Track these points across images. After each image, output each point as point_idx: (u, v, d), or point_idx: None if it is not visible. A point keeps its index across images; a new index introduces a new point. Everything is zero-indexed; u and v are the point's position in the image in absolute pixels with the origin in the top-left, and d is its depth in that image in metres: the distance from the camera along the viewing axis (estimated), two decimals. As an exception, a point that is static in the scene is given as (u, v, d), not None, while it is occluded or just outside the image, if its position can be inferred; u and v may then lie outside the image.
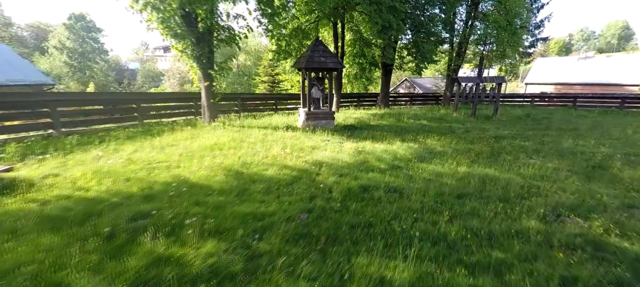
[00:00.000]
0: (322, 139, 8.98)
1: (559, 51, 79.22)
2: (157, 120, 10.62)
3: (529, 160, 6.92)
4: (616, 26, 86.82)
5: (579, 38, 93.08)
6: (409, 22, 12.97)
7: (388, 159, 6.78)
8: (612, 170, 5.97)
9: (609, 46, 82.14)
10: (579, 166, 6.32)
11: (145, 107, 10.68)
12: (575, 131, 10.70)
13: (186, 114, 11.64)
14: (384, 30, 12.12)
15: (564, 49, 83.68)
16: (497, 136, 9.88)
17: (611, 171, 5.94)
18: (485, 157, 7.20)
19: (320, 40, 10.82)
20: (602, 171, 5.90)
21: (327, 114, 11.21)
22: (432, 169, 6.10)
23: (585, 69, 29.17)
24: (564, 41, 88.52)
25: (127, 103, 10.31)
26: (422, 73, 35.88)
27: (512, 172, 5.93)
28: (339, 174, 5.60)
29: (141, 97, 10.97)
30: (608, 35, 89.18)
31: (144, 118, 10.41)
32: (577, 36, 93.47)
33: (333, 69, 10.75)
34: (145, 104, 10.84)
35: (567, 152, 7.49)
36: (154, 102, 11.34)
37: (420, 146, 8.41)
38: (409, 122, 13.41)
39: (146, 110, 10.63)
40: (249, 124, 11.03)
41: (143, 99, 11.00)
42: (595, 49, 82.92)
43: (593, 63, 29.44)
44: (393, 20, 11.35)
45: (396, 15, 11.64)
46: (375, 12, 11.19)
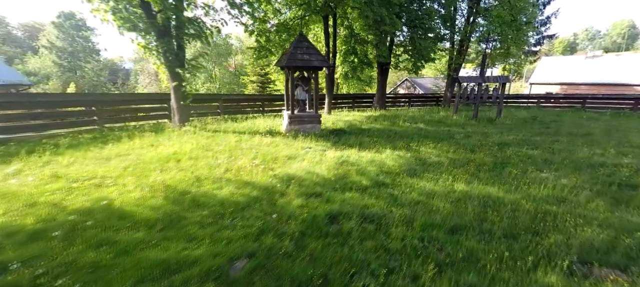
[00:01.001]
0: (302, 146, 7.98)
1: (564, 51, 77.88)
2: (122, 124, 9.59)
3: (540, 174, 5.88)
4: (622, 25, 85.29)
5: (584, 37, 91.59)
6: (405, 17, 11.93)
7: (372, 173, 5.76)
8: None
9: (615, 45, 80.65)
10: (601, 183, 5.26)
11: (108, 110, 9.62)
12: (589, 137, 9.62)
13: (158, 117, 10.60)
14: (377, 26, 11.09)
15: (569, 48, 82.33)
16: (501, 143, 8.83)
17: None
18: (487, 170, 6.16)
19: (304, 35, 9.80)
20: (631, 192, 4.85)
21: (313, 118, 10.18)
22: (423, 186, 5.07)
23: (593, 68, 27.97)
24: (569, 41, 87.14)
25: (83, 105, 9.22)
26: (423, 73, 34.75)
27: (519, 192, 4.89)
28: (309, 194, 4.59)
29: (101, 99, 9.83)
30: (614, 35, 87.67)
31: (106, 122, 9.36)
32: (582, 36, 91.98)
33: (318, 67, 9.73)
34: (108, 106, 9.78)
35: (583, 165, 6.43)
36: (118, 105, 10.22)
37: (412, 155, 7.39)
38: (404, 126, 12.36)
39: (108, 113, 9.57)
40: (226, 128, 10.02)
41: (104, 101, 9.98)
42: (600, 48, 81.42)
43: (601, 62, 28.23)
44: (386, 14, 10.32)
45: (389, 9, 10.60)
46: (366, 5, 10.16)
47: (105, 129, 8.83)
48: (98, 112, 9.12)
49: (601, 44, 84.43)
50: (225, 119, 12.15)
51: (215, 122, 11.17)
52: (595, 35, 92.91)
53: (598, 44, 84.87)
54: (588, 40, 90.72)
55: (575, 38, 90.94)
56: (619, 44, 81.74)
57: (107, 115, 9.51)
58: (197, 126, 9.54)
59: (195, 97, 14.39)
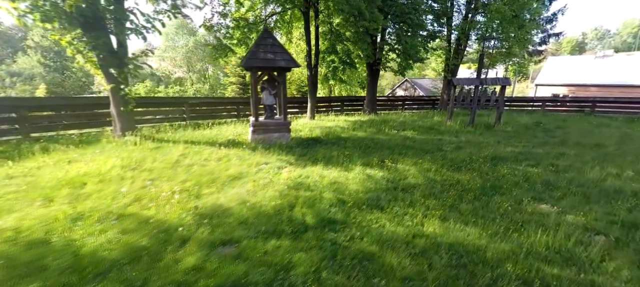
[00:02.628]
0: (258, 162, 6.82)
1: (572, 50, 76.14)
2: (54, 133, 8.36)
3: (538, 206, 4.64)
4: (633, 24, 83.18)
5: (593, 37, 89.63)
6: (391, 11, 10.67)
7: (325, 203, 4.58)
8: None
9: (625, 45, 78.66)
10: (621, 224, 4.02)
11: (36, 117, 8.33)
12: (601, 149, 8.34)
13: (107, 124, 9.35)
14: (355, 21, 9.87)
15: (577, 48, 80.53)
16: (496, 157, 7.60)
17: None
18: (471, 199, 4.95)
19: (269, 31, 8.61)
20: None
21: (281, 125, 9.00)
22: (382, 227, 3.89)
23: (603, 69, 26.46)
24: (577, 40, 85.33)
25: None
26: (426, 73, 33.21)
27: (508, 239, 3.68)
28: (219, 242, 3.39)
29: (25, 104, 8.41)
30: (624, 34, 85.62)
31: (32, 131, 8.09)
32: (591, 35, 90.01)
33: (285, 68, 8.55)
34: (38, 111, 8.53)
35: (595, 192, 5.18)
36: (47, 110, 8.85)
37: (385, 174, 6.20)
38: (390, 134, 11.14)
39: (35, 120, 8.27)
40: (181, 137, 8.87)
41: (29, 106, 8.61)
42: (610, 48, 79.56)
43: (612, 62, 26.71)
44: (364, 7, 9.09)
45: (371, 2, 9.36)
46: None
47: (28, 141, 7.59)
48: (20, 120, 7.89)
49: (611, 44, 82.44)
50: (187, 126, 10.99)
51: (172, 130, 10.03)
52: (605, 34, 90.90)
53: (608, 44, 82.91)
54: (597, 40, 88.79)
55: (584, 37, 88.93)
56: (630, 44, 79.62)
57: (33, 124, 8.21)
58: (145, 135, 8.39)
59: (156, 101, 13.29)
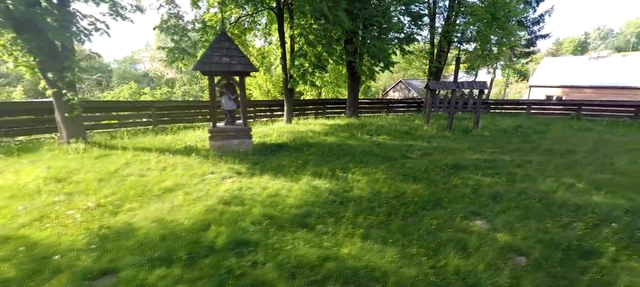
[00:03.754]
0: (204, 172, 6.69)
1: (574, 50, 75.82)
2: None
3: (471, 223, 4.48)
4: (636, 24, 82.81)
5: (595, 36, 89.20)
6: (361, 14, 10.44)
7: (248, 222, 4.43)
8: (602, 259, 3.47)
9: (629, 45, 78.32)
10: (546, 244, 3.84)
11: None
12: (571, 156, 8.16)
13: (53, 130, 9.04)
14: (321, 23, 9.68)
15: (580, 48, 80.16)
16: (457, 165, 7.43)
17: (601, 261, 3.45)
18: (406, 214, 4.79)
19: (226, 34, 8.46)
20: (581, 262, 3.43)
21: (240, 132, 8.85)
22: (294, 249, 3.76)
23: (598, 70, 26.20)
24: (580, 40, 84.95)
25: None
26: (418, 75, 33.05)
27: (418, 263, 3.52)
28: (86, 278, 3.05)
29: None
30: (627, 34, 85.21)
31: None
32: (594, 35, 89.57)
33: (242, 72, 8.40)
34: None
35: (538, 205, 5.01)
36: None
37: (333, 185, 6.06)
38: (361, 139, 10.99)
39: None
40: (137, 144, 8.73)
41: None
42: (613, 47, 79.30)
43: (607, 63, 26.45)
44: (326, 10, 8.89)
45: (335, 5, 9.16)
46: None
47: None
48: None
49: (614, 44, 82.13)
50: (148, 132, 10.84)
51: (131, 136, 9.89)
52: (608, 34, 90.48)
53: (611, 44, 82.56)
54: (600, 40, 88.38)
55: (586, 37, 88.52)
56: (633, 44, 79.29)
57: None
58: (96, 142, 8.25)
59: (118, 105, 13.12)
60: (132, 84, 28.19)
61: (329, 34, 10.38)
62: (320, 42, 10.62)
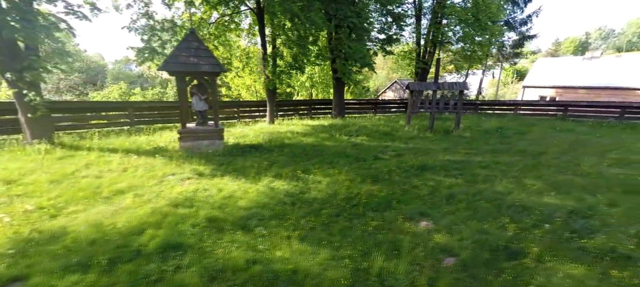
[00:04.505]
0: (165, 173, 6.70)
1: (575, 51, 75.83)
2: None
3: (416, 224, 4.50)
4: (638, 24, 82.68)
5: (597, 36, 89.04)
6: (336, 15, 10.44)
7: (189, 225, 4.42)
8: (526, 260, 3.48)
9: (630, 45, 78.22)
10: (480, 244, 3.86)
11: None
12: (541, 156, 8.16)
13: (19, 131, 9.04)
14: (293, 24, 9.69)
15: (580, 48, 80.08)
16: (424, 166, 7.46)
17: (525, 262, 3.46)
18: (353, 215, 4.81)
19: (195, 34, 8.48)
20: (504, 263, 3.43)
21: (211, 132, 8.87)
22: (224, 254, 3.75)
23: (591, 70, 26.19)
24: (580, 40, 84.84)
25: None
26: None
27: (345, 266, 3.55)
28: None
29: None
30: (629, 34, 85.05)
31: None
32: (595, 35, 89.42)
33: (211, 73, 8.42)
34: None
35: (487, 206, 5.02)
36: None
37: (292, 186, 6.10)
38: (339, 140, 11.03)
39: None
40: (107, 144, 8.76)
41: None
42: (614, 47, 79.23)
43: (600, 64, 26.42)
44: (297, 10, 8.88)
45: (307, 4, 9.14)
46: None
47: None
48: None
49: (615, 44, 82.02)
50: (123, 133, 10.88)
51: (103, 136, 9.93)
52: (610, 34, 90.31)
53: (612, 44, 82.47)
54: (601, 40, 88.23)
55: (587, 37, 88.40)
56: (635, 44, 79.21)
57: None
58: (63, 143, 8.28)
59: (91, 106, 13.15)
60: (122, 84, 28.26)
61: (302, 35, 10.39)
62: (295, 43, 10.64)
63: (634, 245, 3.56)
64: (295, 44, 10.52)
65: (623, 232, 3.87)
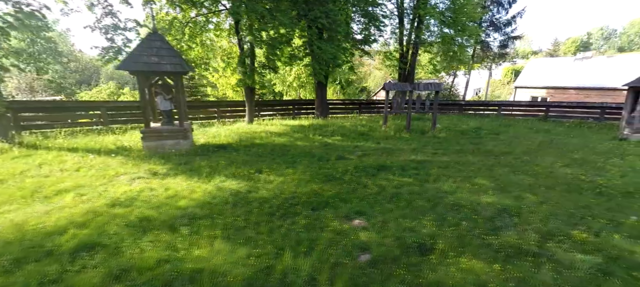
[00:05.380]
0: (117, 173, 6.73)
1: (576, 51, 75.95)
2: None
3: (347, 222, 4.53)
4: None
5: (598, 36, 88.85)
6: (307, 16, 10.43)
7: (115, 225, 4.45)
8: (433, 253, 3.53)
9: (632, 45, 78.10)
10: (398, 244, 3.89)
11: None
12: (503, 157, 8.20)
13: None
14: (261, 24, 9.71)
15: (582, 48, 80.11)
16: (383, 166, 7.51)
17: (430, 258, 3.50)
18: (288, 214, 4.85)
19: (157, 33, 8.54)
20: (408, 259, 3.47)
21: (176, 132, 8.92)
22: (139, 253, 3.77)
23: (582, 71, 26.18)
24: (582, 40, 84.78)
25: None
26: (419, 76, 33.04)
27: (252, 266, 3.58)
28: None
29: None
30: (631, 33, 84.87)
31: None
32: (597, 35, 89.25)
33: (175, 72, 8.47)
34: None
35: (422, 208, 5.05)
36: None
37: (242, 186, 6.15)
38: (312, 140, 11.10)
39: None
40: (68, 144, 8.82)
41: None
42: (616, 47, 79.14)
43: (591, 64, 26.42)
44: (263, 10, 8.88)
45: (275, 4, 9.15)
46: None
47: None
48: None
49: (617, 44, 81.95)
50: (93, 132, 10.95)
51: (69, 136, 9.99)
52: (611, 34, 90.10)
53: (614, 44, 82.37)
54: (603, 40, 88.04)
55: (589, 37, 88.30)
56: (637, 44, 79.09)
57: None
58: (23, 142, 8.34)
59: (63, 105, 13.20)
60: (111, 84, 28.35)
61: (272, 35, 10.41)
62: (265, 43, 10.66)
63: (535, 242, 3.62)
64: (265, 44, 10.56)
65: (537, 229, 3.92)
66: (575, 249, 3.56)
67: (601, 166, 6.84)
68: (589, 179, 6.07)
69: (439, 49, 14.81)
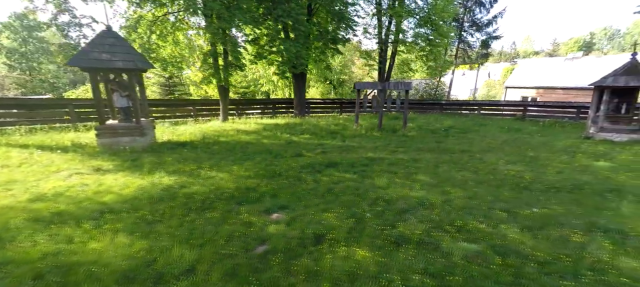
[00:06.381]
0: (59, 168, 6.73)
1: (579, 51, 76.05)
2: None
3: (267, 216, 4.51)
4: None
5: (601, 36, 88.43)
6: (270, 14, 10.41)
7: (21, 220, 4.43)
8: (325, 243, 3.51)
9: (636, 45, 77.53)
10: (308, 235, 3.88)
11: None
12: (458, 154, 8.17)
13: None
14: (212, 21, 9.65)
15: (584, 48, 79.88)
16: (332, 162, 7.51)
17: (324, 244, 3.48)
18: (211, 208, 4.84)
19: (111, 30, 8.55)
20: (309, 250, 3.46)
21: (131, 129, 8.91)
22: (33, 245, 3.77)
23: (571, 71, 26.09)
24: (585, 40, 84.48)
25: None
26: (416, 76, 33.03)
27: (143, 256, 3.58)
28: None
29: None
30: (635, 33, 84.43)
31: None
32: (600, 34, 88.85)
33: (125, 69, 8.46)
34: None
35: (348, 202, 5.03)
36: None
37: (179, 181, 6.13)
38: (278, 138, 11.11)
39: None
40: (25, 141, 8.84)
41: None
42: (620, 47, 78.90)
43: (580, 65, 26.33)
44: (220, 8, 8.81)
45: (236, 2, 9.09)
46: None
47: None
48: None
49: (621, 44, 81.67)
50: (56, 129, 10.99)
51: (29, 133, 10.01)
52: (615, 34, 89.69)
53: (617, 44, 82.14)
54: (607, 40, 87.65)
55: (592, 37, 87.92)
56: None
57: None
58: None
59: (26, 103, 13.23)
60: (98, 84, 28.42)
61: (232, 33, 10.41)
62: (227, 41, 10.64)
63: (427, 232, 3.65)
64: (227, 42, 10.54)
65: (439, 221, 3.98)
66: (463, 239, 3.61)
67: (546, 163, 6.82)
68: (525, 175, 6.06)
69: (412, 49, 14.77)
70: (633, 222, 3.95)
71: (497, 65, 57.89)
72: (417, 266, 3.17)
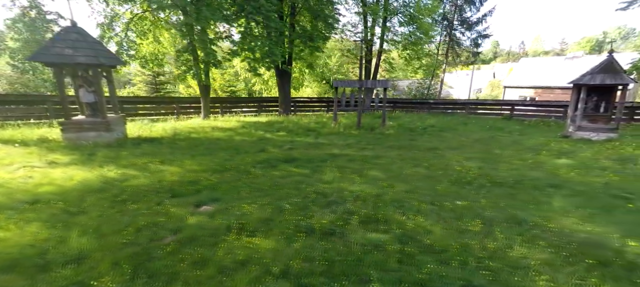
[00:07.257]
0: (13, 162, 6.76)
1: (591, 50, 74.96)
2: None
3: (198, 208, 4.48)
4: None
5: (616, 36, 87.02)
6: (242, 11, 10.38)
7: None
8: (234, 233, 3.47)
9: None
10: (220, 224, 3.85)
11: None
12: (424, 152, 8.07)
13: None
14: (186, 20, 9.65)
15: (597, 47, 78.81)
16: (291, 158, 7.50)
17: (232, 234, 3.44)
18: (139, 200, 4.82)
19: (76, 25, 8.62)
20: (222, 237, 3.41)
21: (97, 124, 8.95)
22: None
23: (570, 71, 25.60)
24: (597, 39, 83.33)
25: None
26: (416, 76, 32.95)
27: (48, 244, 3.56)
28: None
29: None
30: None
31: None
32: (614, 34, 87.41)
33: (89, 64, 8.52)
34: None
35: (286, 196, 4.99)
36: None
37: (125, 174, 6.14)
38: (252, 135, 11.12)
39: None
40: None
41: None
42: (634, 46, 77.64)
43: (580, 64, 25.92)
44: (186, 4, 8.82)
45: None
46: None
47: None
48: None
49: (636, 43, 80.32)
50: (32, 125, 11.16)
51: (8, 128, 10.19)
52: (629, 33, 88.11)
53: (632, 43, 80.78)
54: (621, 39, 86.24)
55: (604, 36, 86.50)
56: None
57: None
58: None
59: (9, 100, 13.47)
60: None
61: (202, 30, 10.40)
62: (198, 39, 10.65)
63: (336, 222, 3.70)
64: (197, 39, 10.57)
65: (362, 213, 3.98)
66: (374, 229, 3.55)
67: (505, 160, 6.70)
68: (474, 171, 5.97)
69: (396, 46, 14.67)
70: (554, 215, 3.88)
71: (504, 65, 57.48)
72: (311, 254, 3.11)
